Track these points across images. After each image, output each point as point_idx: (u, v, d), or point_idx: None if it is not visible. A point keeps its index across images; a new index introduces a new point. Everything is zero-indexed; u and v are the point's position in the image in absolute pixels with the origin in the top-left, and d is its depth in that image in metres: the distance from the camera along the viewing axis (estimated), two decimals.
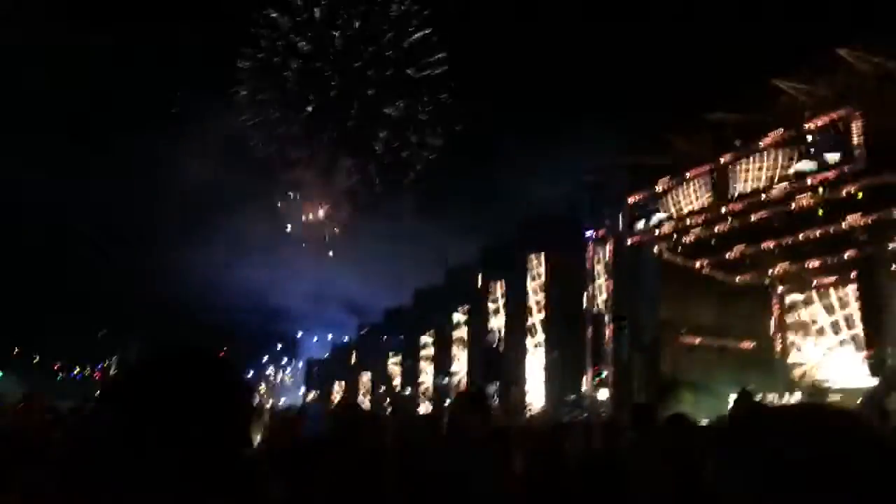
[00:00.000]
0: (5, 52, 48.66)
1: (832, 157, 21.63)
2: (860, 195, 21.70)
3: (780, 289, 30.41)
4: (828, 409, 1.09)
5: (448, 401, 39.47)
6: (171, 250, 63.92)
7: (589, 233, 31.05)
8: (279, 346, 78.46)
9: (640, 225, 28.42)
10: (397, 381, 49.98)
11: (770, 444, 0.99)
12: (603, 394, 28.79)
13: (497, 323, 38.26)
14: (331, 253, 60.87)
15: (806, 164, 22.41)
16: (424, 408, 41.09)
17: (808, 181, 22.30)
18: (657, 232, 27.80)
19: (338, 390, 58.25)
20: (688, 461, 3.52)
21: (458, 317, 42.48)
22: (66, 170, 55.62)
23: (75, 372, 70.55)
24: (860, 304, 25.03)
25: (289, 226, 60.32)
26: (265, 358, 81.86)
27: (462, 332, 41.90)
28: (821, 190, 22.26)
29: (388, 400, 43.42)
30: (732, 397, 24.70)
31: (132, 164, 64.91)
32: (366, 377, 55.78)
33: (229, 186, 59.15)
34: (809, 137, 22.29)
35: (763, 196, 23.64)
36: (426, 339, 46.07)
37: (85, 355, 70.87)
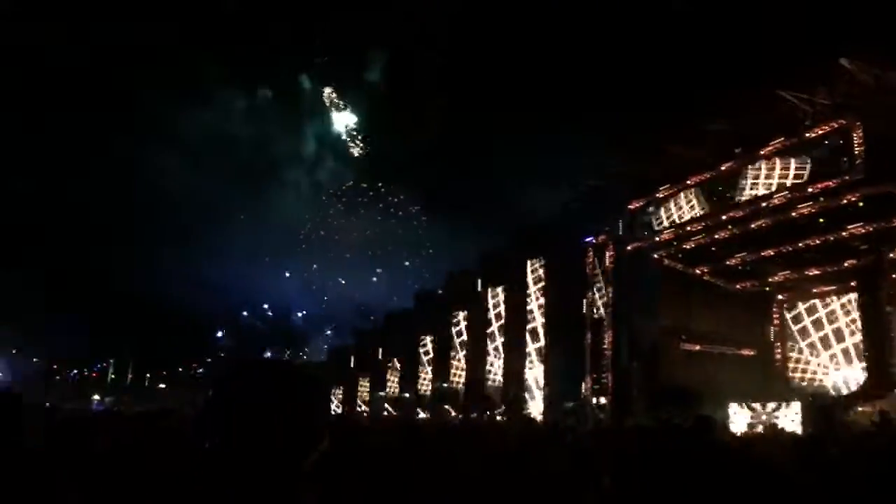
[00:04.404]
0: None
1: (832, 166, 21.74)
2: (860, 204, 21.81)
3: (779, 296, 30.51)
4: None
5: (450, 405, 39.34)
6: (164, 250, 63.98)
7: (589, 238, 31.07)
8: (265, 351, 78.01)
9: (641, 232, 28.48)
10: (395, 385, 49.71)
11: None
12: (601, 400, 28.78)
13: (496, 328, 38.20)
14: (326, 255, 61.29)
15: (806, 173, 22.51)
16: (424, 413, 40.94)
17: (809, 189, 22.40)
18: (657, 238, 27.86)
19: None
20: None
21: (458, 322, 42.36)
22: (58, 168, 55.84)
23: (73, 373, 70.51)
24: (860, 312, 25.11)
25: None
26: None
27: (462, 337, 41.79)
28: (821, 198, 22.36)
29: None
30: (733, 406, 24.86)
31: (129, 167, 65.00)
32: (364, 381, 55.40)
33: (223, 189, 59.37)
34: (809, 146, 22.40)
35: (763, 204, 23.73)
36: (426, 343, 45.90)
37: (78, 356, 70.73)
